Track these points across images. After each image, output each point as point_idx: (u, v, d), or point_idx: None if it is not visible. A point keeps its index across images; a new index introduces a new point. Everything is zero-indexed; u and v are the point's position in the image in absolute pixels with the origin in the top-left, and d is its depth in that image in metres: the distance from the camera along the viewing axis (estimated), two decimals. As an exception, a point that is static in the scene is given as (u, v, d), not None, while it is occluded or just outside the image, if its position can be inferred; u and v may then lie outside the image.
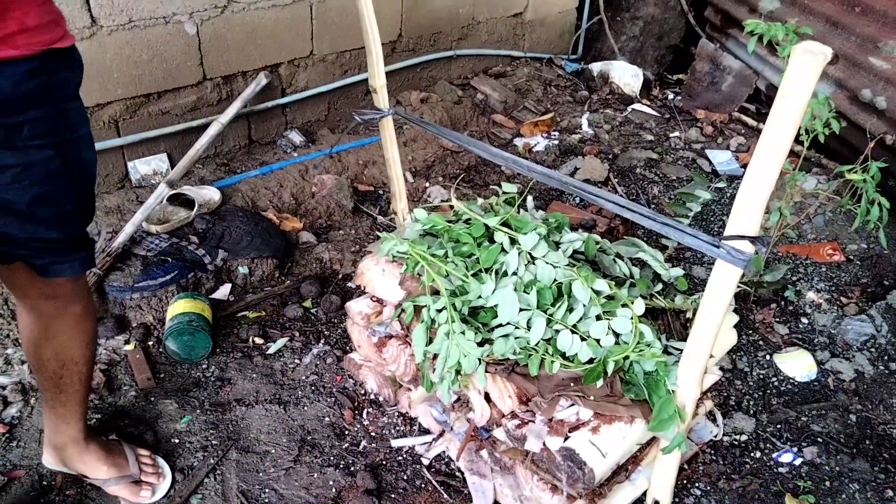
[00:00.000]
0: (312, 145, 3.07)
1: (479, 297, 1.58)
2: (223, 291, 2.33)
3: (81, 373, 1.54)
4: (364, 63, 3.09)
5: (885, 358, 2.14)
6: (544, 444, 1.45)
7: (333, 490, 1.73)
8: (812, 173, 2.96)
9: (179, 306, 2.09)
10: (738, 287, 1.31)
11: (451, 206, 1.84)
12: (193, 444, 1.83)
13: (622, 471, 1.55)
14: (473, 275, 1.64)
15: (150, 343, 2.13)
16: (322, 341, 2.17)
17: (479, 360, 1.51)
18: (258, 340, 2.16)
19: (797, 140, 1.37)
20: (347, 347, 2.13)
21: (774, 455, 1.84)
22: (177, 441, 1.84)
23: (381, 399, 1.98)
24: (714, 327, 1.34)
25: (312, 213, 2.75)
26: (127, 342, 2.10)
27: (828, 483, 1.77)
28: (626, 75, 3.94)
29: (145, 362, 2.04)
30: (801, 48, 1.07)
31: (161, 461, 1.75)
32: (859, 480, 1.77)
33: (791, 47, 1.65)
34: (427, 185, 3.00)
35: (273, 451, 1.82)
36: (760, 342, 2.21)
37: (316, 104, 3.17)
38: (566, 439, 1.43)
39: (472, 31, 3.65)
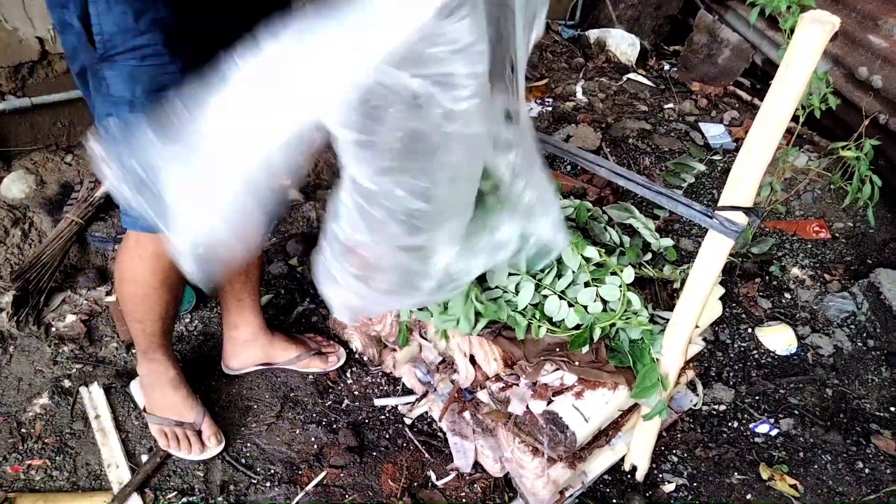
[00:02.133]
0: (302, 101, 3.01)
1: (468, 259, 1.57)
2: (208, 246, 2.30)
3: (261, 265, 1.78)
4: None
5: (864, 335, 2.17)
6: (527, 407, 1.46)
7: (315, 446, 1.74)
8: (803, 150, 2.96)
9: (163, 259, 2.06)
10: (726, 259, 1.31)
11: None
12: (175, 397, 1.82)
13: (603, 436, 1.56)
14: (463, 237, 1.62)
15: (133, 295, 2.10)
16: (307, 300, 2.16)
17: (466, 322, 1.50)
18: (243, 296, 2.14)
19: (791, 117, 1.36)
20: (333, 306, 2.12)
21: (751, 425, 1.87)
22: (158, 393, 1.83)
23: (365, 358, 1.98)
24: (702, 298, 1.34)
25: (300, 171, 2.71)
26: (109, 293, 2.08)
27: (801, 454, 1.81)
28: (622, 44, 3.89)
29: (127, 314, 2.02)
30: (808, 17, 1.05)
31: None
32: (832, 452, 1.81)
33: (794, 19, 1.63)
34: (418, 146, 2.96)
35: (255, 406, 1.82)
36: (743, 315, 2.23)
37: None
38: (549, 403, 1.44)
39: (469, -9, 3.57)
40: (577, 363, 1.45)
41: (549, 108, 3.34)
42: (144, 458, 1.67)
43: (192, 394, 1.72)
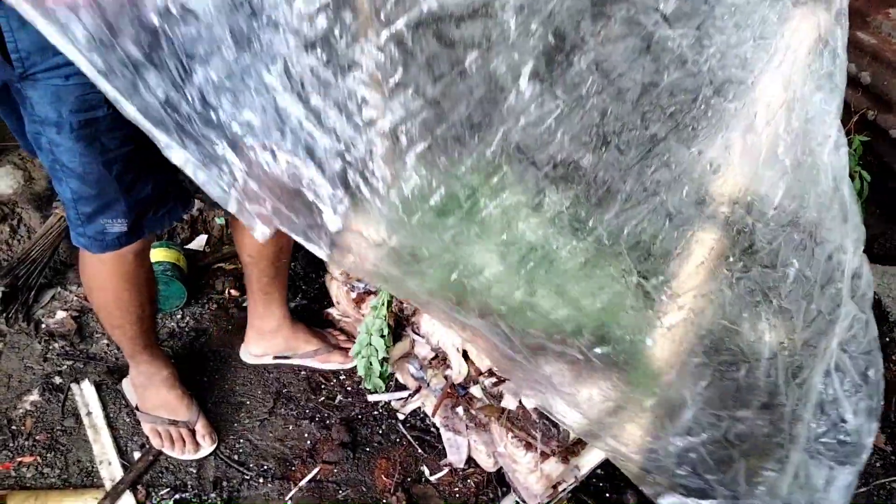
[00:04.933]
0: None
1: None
2: (199, 242, 2.29)
3: (290, 253, 1.74)
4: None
5: (853, 329, 2.19)
6: (520, 402, 1.47)
7: (308, 442, 1.74)
8: (793, 146, 2.97)
9: (153, 255, 2.05)
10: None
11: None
12: (167, 394, 1.81)
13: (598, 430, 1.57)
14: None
15: (124, 291, 2.09)
16: (300, 296, 2.15)
17: (460, 317, 1.50)
18: (234, 293, 2.13)
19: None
20: (325, 302, 2.11)
21: (742, 419, 1.88)
22: (150, 390, 1.82)
23: (358, 354, 1.97)
24: (694, 292, 1.34)
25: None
26: (99, 290, 2.06)
27: (792, 447, 1.82)
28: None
29: (118, 311, 2.00)
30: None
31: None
32: (822, 446, 1.83)
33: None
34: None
35: (248, 402, 1.82)
36: (734, 310, 2.24)
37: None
38: (544, 397, 1.44)
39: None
40: (570, 358, 1.45)
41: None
42: (137, 454, 1.66)
43: (186, 392, 1.71)
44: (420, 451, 1.74)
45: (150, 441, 1.67)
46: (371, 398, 1.86)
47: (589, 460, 1.64)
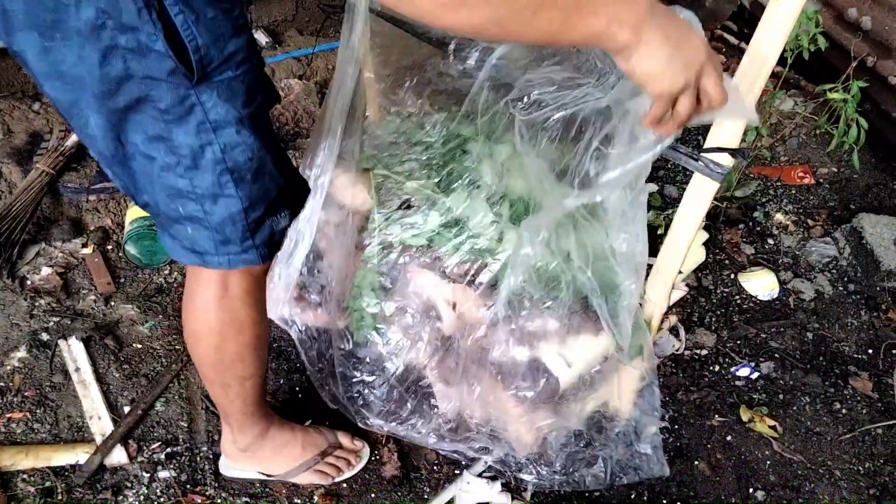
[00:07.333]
0: (279, 47, 2.91)
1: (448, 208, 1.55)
2: (185, 196, 2.25)
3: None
4: (335, -42, 2.91)
5: (845, 279, 2.18)
6: (511, 353, 1.46)
7: (300, 396, 1.74)
8: (790, 94, 2.92)
9: (139, 210, 2.01)
10: (711, 204, 1.30)
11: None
12: (157, 350, 1.80)
13: (587, 381, 1.57)
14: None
15: (109, 247, 2.06)
16: (288, 250, 2.13)
17: (449, 269, 1.49)
18: (222, 247, 2.10)
19: (779, 60, 1.32)
20: (315, 257, 2.09)
21: (732, 369, 1.89)
22: (140, 346, 1.81)
23: (348, 308, 1.96)
24: (686, 242, 1.33)
25: (279, 119, 2.64)
26: (84, 245, 2.03)
27: (781, 396, 1.84)
28: (609, -14, 3.79)
29: (104, 266, 1.98)
30: (800, -54, 1.01)
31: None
32: (810, 394, 1.84)
33: (786, -48, 1.56)
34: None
35: (238, 357, 1.81)
36: (726, 261, 2.24)
37: (283, 2, 2.99)
38: (533, 349, 1.44)
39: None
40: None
41: (534, 54, 3.27)
42: (126, 409, 1.66)
43: (299, 425, 1.59)
44: (411, 403, 1.74)
45: (320, 481, 1.54)
46: (361, 354, 1.85)
47: (580, 411, 1.65)
